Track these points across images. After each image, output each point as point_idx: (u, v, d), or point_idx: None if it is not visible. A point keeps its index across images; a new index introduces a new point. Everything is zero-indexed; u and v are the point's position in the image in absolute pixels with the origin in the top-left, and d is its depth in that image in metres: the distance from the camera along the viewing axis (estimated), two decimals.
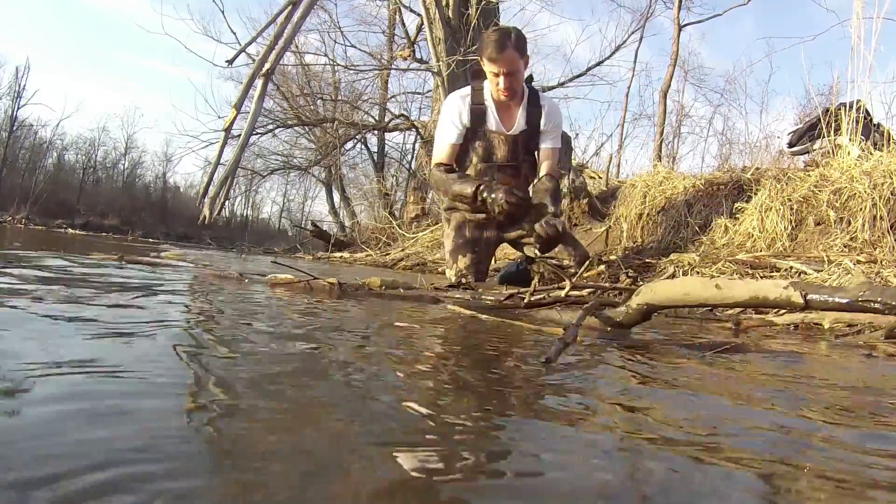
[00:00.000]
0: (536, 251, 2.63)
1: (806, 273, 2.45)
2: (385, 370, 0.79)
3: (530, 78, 2.86)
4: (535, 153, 2.87)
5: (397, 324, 1.31)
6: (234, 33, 11.19)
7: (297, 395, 0.62)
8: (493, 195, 2.49)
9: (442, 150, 2.77)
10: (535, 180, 2.87)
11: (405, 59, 9.98)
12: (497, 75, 2.56)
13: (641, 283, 2.78)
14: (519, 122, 2.72)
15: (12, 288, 1.22)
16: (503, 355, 1.01)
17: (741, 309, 2.21)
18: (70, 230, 12.35)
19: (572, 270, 2.65)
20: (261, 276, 2.04)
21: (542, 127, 2.74)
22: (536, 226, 2.54)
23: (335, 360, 0.83)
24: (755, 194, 3.42)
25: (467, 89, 2.78)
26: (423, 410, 0.59)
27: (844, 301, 1.04)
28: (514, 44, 2.52)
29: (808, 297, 1.05)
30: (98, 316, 0.96)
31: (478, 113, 2.71)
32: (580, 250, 2.77)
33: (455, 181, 2.65)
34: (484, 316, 1.49)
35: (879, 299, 1.02)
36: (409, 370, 0.80)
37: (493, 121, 2.71)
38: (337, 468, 0.41)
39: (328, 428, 0.52)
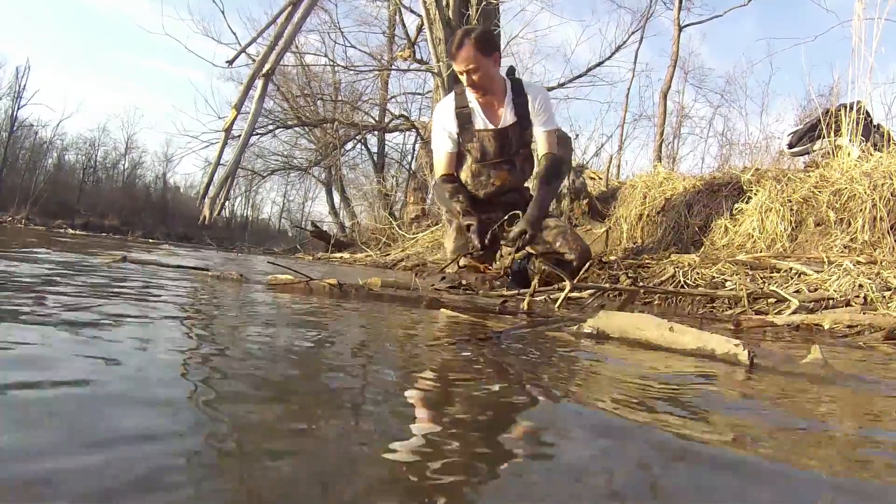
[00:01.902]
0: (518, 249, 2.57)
1: (806, 273, 2.45)
2: None
3: (511, 69, 2.85)
4: (532, 144, 2.87)
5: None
6: (235, 34, 11.23)
7: None
8: (470, 236, 2.64)
9: (439, 161, 2.83)
10: (536, 165, 2.87)
11: (405, 59, 9.96)
12: (462, 73, 2.58)
13: (641, 283, 2.78)
14: (506, 116, 2.72)
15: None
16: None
17: (742, 309, 2.21)
18: (70, 230, 12.33)
19: (575, 264, 2.63)
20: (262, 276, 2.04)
21: (531, 114, 2.73)
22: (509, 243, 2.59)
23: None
24: (755, 195, 3.41)
25: (452, 95, 2.80)
26: None
27: (788, 371, 1.03)
28: (473, 42, 2.52)
29: (755, 360, 1.04)
30: None
31: (463, 116, 2.73)
32: (582, 247, 2.76)
33: (453, 206, 2.74)
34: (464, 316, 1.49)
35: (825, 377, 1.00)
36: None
37: (479, 120, 2.72)
38: None
39: None
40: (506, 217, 2.55)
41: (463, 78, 2.59)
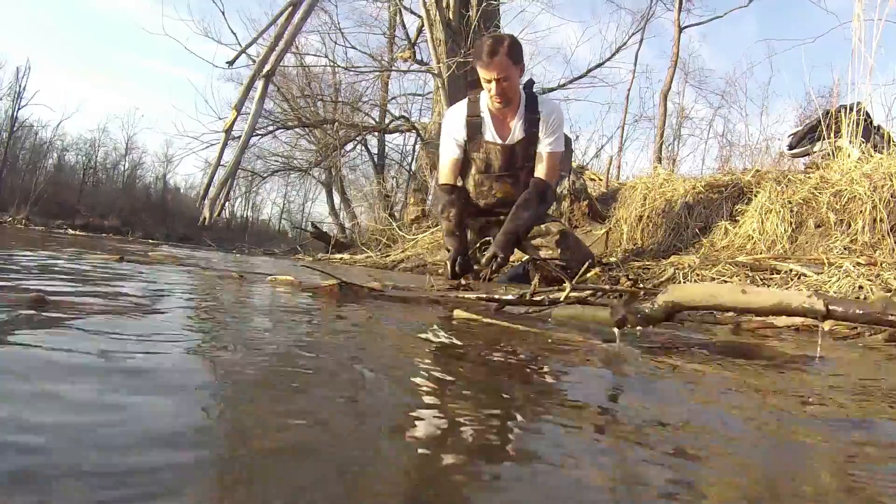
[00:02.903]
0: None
1: (806, 275, 2.45)
2: None
3: (531, 82, 2.83)
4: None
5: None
6: (235, 34, 11.17)
7: None
8: (445, 262, 2.70)
9: (444, 167, 2.84)
10: None
11: (405, 60, 9.98)
12: (489, 81, 2.55)
13: (641, 284, 2.78)
14: (515, 131, 2.70)
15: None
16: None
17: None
18: (70, 231, 12.35)
19: (575, 271, 2.63)
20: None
21: (540, 133, 2.71)
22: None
23: None
24: (755, 196, 3.42)
25: (465, 102, 2.79)
26: None
27: (862, 312, 1.08)
28: (506, 50, 2.49)
29: (830, 307, 1.07)
30: None
31: (474, 125, 2.72)
32: (583, 250, 2.77)
33: (442, 222, 2.79)
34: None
35: None
36: None
37: (489, 132, 2.71)
38: None
39: None
40: (478, 244, 2.59)
41: (490, 86, 2.55)
